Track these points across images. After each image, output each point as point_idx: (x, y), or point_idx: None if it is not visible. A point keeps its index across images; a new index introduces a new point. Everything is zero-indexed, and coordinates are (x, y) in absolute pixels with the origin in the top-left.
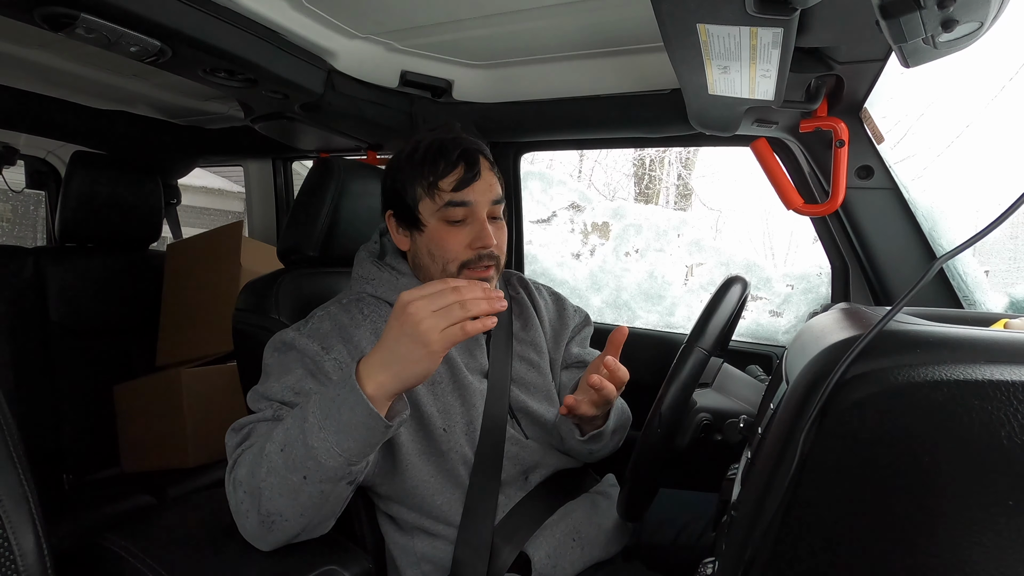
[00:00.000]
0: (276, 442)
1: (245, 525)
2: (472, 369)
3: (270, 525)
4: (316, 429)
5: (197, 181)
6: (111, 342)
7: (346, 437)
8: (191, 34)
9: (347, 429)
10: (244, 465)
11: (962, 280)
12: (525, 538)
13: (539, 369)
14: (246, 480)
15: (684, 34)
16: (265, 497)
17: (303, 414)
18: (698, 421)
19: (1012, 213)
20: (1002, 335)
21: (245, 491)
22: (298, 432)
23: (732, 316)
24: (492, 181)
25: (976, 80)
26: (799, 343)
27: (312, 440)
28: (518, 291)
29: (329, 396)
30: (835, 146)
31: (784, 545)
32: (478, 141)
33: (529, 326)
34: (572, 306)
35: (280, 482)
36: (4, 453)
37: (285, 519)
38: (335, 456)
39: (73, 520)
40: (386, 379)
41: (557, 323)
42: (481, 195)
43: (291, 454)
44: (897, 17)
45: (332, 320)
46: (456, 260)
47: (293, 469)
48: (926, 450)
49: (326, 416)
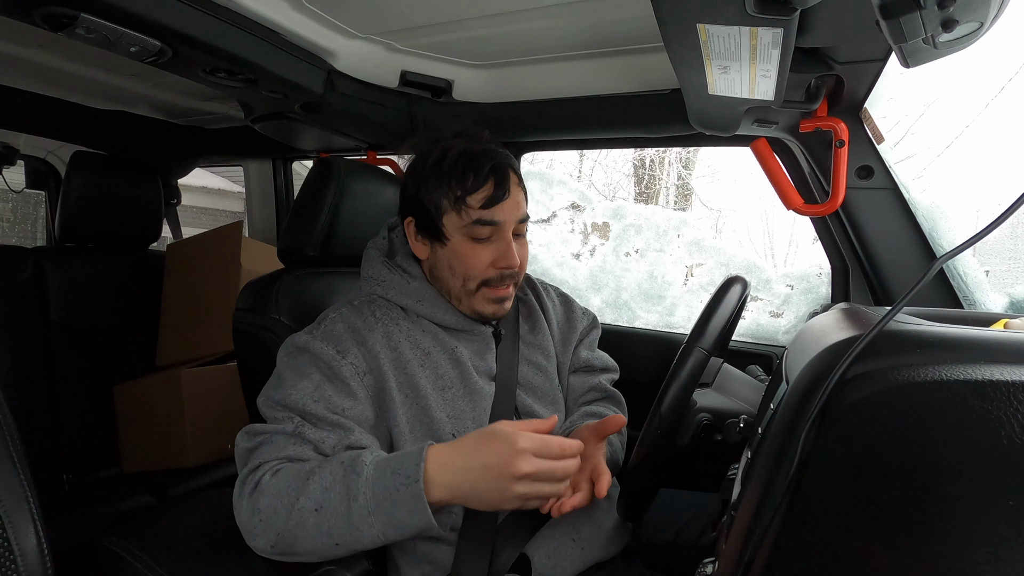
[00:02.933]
0: (311, 499)
1: (253, 542)
2: (481, 372)
3: (280, 554)
4: (365, 514)
5: (197, 181)
6: (111, 342)
7: (395, 531)
8: (191, 34)
9: (399, 527)
10: (267, 495)
11: (962, 280)
12: (525, 539)
13: (546, 373)
14: (267, 513)
15: (684, 34)
16: (285, 540)
17: (350, 489)
18: (698, 421)
19: (1012, 213)
20: (1002, 335)
21: (262, 520)
22: (342, 505)
23: (732, 316)
24: (520, 199)
25: (976, 80)
26: (799, 343)
27: (358, 523)
28: (526, 292)
29: (386, 485)
30: (835, 146)
31: (784, 545)
32: (507, 153)
33: (537, 329)
34: (580, 308)
35: (307, 537)
36: (4, 453)
37: (299, 557)
38: (378, 541)
39: (73, 520)
40: (449, 498)
41: (565, 326)
42: (509, 214)
43: (328, 520)
44: (897, 17)
45: (345, 322)
46: (478, 278)
47: (326, 534)
48: (926, 450)
49: (378, 506)
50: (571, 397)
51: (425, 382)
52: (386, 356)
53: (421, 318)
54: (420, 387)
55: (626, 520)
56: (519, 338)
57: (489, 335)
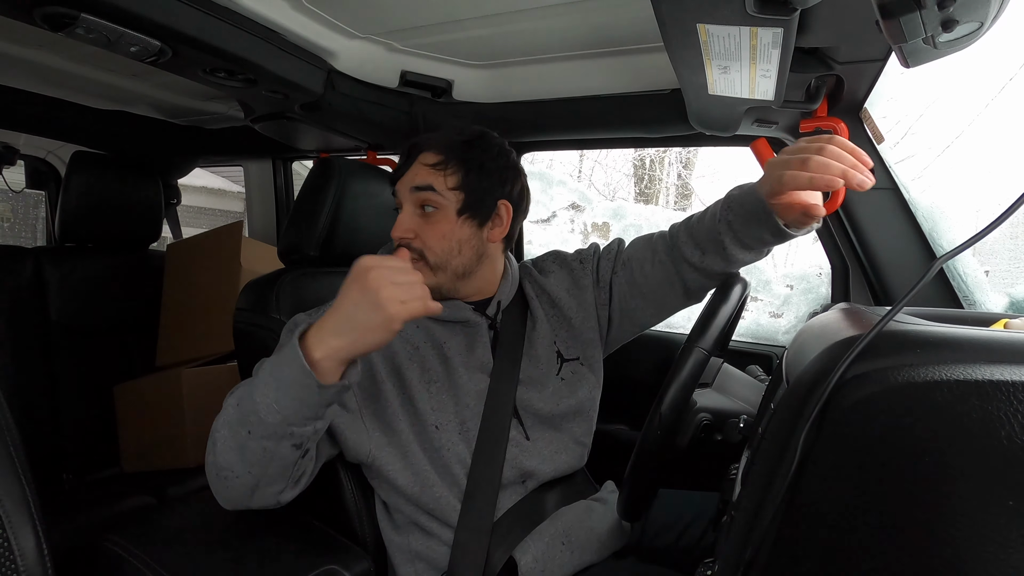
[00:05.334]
0: (234, 396)
1: (209, 477)
2: (472, 367)
3: (224, 479)
4: (261, 385)
5: (197, 181)
6: (111, 342)
7: (284, 395)
8: (191, 34)
9: (284, 387)
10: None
11: (962, 280)
12: (517, 541)
13: (549, 365)
14: (212, 433)
15: (684, 34)
16: (219, 449)
17: (257, 372)
18: (698, 421)
19: (1012, 213)
20: (1002, 335)
21: (212, 441)
22: (249, 387)
23: (732, 316)
24: (420, 171)
25: (976, 80)
26: (799, 343)
27: (256, 395)
28: (525, 285)
29: (275, 360)
30: None
31: (784, 545)
32: (441, 136)
33: (541, 322)
34: (575, 260)
35: (231, 435)
36: (4, 453)
37: (236, 475)
38: (273, 412)
39: (73, 520)
40: (339, 344)
41: (575, 288)
42: (404, 185)
43: (242, 409)
44: (897, 17)
45: None
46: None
47: (241, 423)
48: (926, 450)
49: (270, 373)
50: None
51: (412, 375)
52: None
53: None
54: (407, 379)
55: (626, 520)
56: (523, 335)
57: (484, 327)
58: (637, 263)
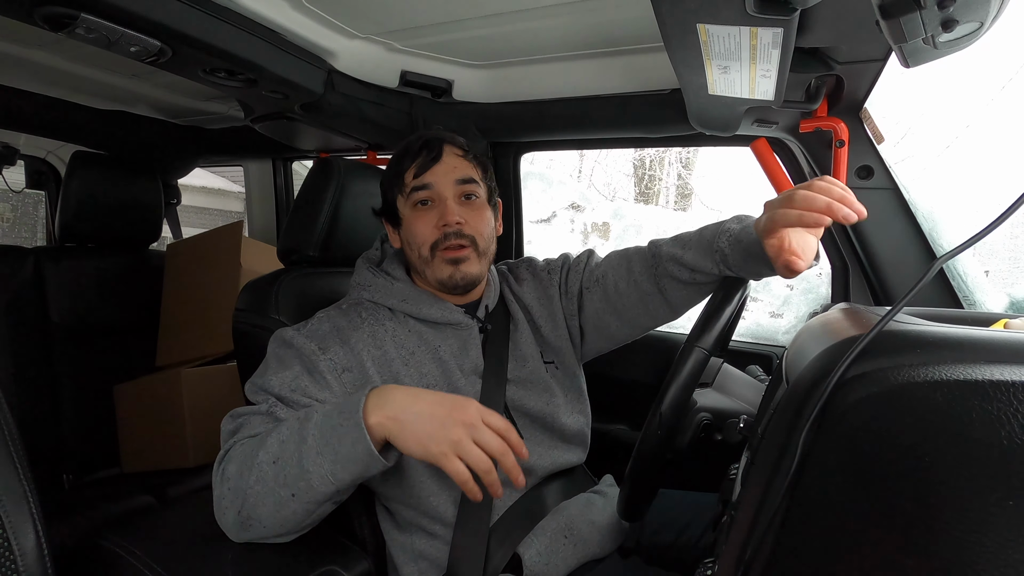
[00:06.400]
0: (269, 452)
1: (222, 518)
2: (466, 369)
3: (248, 526)
4: (314, 454)
5: (197, 181)
6: (111, 342)
7: (342, 468)
8: (191, 34)
9: (344, 461)
10: (234, 462)
11: (962, 280)
12: (519, 539)
13: (535, 363)
14: (234, 478)
15: (684, 34)
16: (249, 503)
17: (302, 433)
18: (698, 421)
19: (1012, 213)
20: (1002, 335)
21: (230, 488)
22: (295, 450)
23: (732, 316)
24: (457, 163)
25: (976, 80)
26: (799, 343)
27: (308, 464)
28: (507, 290)
29: (331, 423)
30: (835, 146)
31: (784, 545)
32: (452, 135)
33: (521, 323)
34: (544, 270)
35: (267, 492)
36: (4, 453)
37: (263, 525)
38: (328, 484)
39: (73, 520)
40: (392, 425)
41: (544, 297)
42: (443, 176)
43: (283, 470)
44: (897, 17)
45: (331, 322)
46: (426, 243)
47: (283, 485)
48: (926, 450)
49: (326, 443)
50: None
51: (408, 380)
52: (370, 355)
53: (408, 317)
54: (403, 384)
55: (626, 520)
56: (508, 335)
57: (474, 329)
58: (612, 281)
